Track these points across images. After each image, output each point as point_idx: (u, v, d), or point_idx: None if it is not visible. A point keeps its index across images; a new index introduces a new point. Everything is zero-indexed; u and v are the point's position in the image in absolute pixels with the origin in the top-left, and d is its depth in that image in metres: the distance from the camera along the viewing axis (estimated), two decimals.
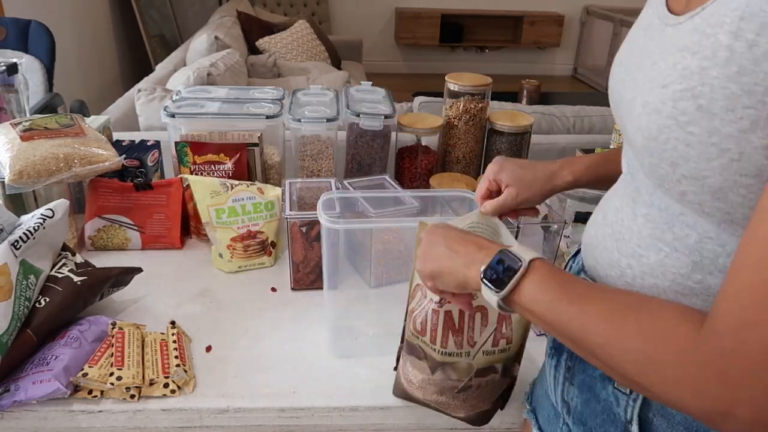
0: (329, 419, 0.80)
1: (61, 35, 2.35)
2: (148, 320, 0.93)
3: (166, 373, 0.80)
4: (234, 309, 0.99)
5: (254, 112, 1.25)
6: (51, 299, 0.85)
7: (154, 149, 1.28)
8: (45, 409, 0.77)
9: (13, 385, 0.76)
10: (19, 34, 2.16)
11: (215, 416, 0.79)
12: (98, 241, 1.16)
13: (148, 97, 1.88)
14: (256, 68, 3.10)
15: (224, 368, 0.85)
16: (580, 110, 2.03)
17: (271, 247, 1.11)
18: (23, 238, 0.84)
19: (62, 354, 0.79)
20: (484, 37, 5.86)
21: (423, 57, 5.90)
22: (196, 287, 1.05)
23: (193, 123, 1.23)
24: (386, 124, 1.26)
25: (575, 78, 6.02)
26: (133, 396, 0.78)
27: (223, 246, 1.08)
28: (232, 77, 2.31)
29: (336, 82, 2.94)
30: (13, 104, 1.30)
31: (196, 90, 1.37)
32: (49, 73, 2.18)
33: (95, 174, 1.12)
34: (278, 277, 1.09)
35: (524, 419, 0.78)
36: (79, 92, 3.17)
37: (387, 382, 0.84)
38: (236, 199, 1.07)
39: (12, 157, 1.04)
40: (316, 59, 3.75)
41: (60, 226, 0.93)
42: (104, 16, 3.84)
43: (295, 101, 1.34)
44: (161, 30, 4.23)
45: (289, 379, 0.84)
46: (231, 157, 1.18)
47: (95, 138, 1.15)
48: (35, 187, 1.05)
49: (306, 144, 1.26)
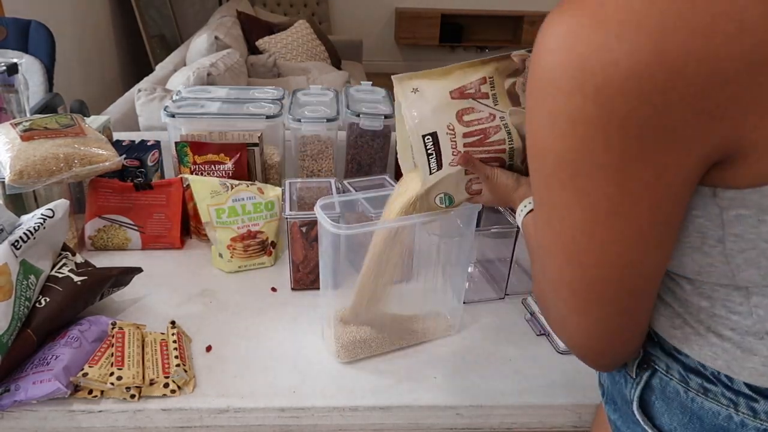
0: (329, 419, 0.80)
1: (61, 35, 2.35)
2: (148, 320, 0.93)
3: (166, 373, 0.80)
4: (234, 309, 0.99)
5: (254, 112, 1.25)
6: (51, 299, 0.85)
7: (154, 149, 1.28)
8: (45, 409, 0.77)
9: (13, 385, 0.76)
10: (19, 34, 2.16)
11: (215, 416, 0.79)
12: (98, 241, 1.16)
13: (148, 97, 1.88)
14: (256, 68, 3.10)
15: (224, 368, 0.85)
16: None
17: (271, 247, 1.11)
18: (23, 238, 0.84)
19: (62, 354, 0.79)
20: (484, 37, 5.85)
21: (423, 57, 5.90)
22: (196, 287, 1.05)
23: (193, 123, 1.23)
24: (386, 124, 1.26)
25: None
26: (133, 396, 0.78)
27: (223, 246, 1.08)
28: (232, 77, 2.31)
29: (336, 82, 2.94)
30: (13, 104, 1.30)
31: (196, 90, 1.37)
32: (49, 73, 2.18)
33: (95, 174, 1.12)
34: (278, 277, 1.09)
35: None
36: (79, 92, 3.17)
37: (387, 383, 0.84)
38: (236, 199, 1.07)
39: (12, 157, 1.04)
40: (316, 59, 3.75)
41: (60, 226, 0.93)
42: (104, 16, 3.84)
43: (295, 101, 1.34)
44: (161, 30, 4.23)
45: (289, 379, 0.84)
46: (231, 157, 1.18)
47: (95, 138, 1.15)
48: (35, 187, 1.05)
49: (306, 144, 1.26)
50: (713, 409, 0.51)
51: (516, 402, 0.81)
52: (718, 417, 0.50)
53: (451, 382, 0.84)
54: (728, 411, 0.50)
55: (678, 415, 0.53)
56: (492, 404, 0.81)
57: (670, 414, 0.54)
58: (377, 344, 0.88)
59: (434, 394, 0.82)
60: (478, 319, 0.99)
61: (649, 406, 0.56)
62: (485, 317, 0.99)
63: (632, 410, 0.58)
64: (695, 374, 0.52)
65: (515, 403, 0.81)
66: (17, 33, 2.16)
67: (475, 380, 0.85)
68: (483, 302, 1.03)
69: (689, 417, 0.53)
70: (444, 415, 0.81)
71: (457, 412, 0.81)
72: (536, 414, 0.82)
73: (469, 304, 1.01)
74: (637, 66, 0.38)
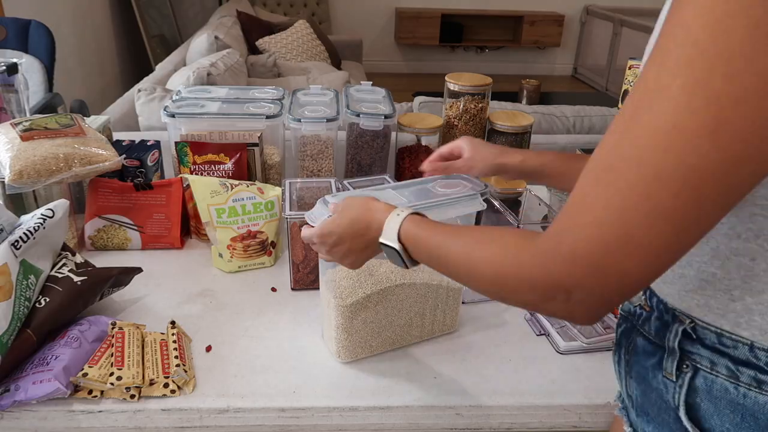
0: (329, 419, 0.80)
1: (61, 35, 2.35)
2: (148, 320, 0.93)
3: (166, 373, 0.80)
4: (234, 309, 0.99)
5: (254, 112, 1.25)
6: (51, 299, 0.85)
7: (154, 149, 1.28)
8: (45, 409, 0.77)
9: (13, 385, 0.76)
10: (19, 34, 2.16)
11: (215, 416, 0.79)
12: (98, 241, 1.16)
13: (148, 97, 1.88)
14: (256, 68, 3.10)
15: (224, 368, 0.85)
16: (580, 110, 2.03)
17: (271, 247, 1.11)
18: (23, 238, 0.84)
19: (62, 354, 0.79)
20: (484, 37, 5.86)
21: (423, 57, 5.90)
22: (196, 287, 1.05)
23: (193, 123, 1.23)
24: (386, 124, 1.26)
25: (575, 78, 6.02)
26: (133, 396, 0.78)
27: (223, 246, 1.08)
28: (232, 77, 2.31)
29: (336, 82, 2.94)
30: (13, 104, 1.30)
31: (196, 90, 1.37)
32: (49, 73, 2.18)
33: (95, 174, 1.12)
34: (278, 277, 1.09)
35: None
36: (79, 92, 3.17)
37: (387, 383, 0.84)
38: (236, 199, 1.07)
39: (12, 157, 1.04)
40: (316, 59, 3.75)
41: (60, 226, 0.93)
42: (104, 16, 3.84)
43: (295, 101, 1.34)
44: (161, 30, 4.23)
45: (289, 379, 0.84)
46: (231, 157, 1.18)
47: (95, 138, 1.15)
48: (35, 187, 1.05)
49: (306, 144, 1.26)
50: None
51: (516, 402, 0.81)
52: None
53: (451, 382, 0.84)
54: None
55: (728, 414, 0.50)
56: (492, 404, 0.81)
57: (720, 415, 0.51)
58: (378, 344, 0.88)
59: (434, 394, 0.82)
60: (478, 319, 0.99)
61: (695, 409, 0.53)
62: (485, 317, 0.99)
63: (675, 417, 0.54)
64: (746, 366, 0.49)
65: (515, 403, 0.81)
66: (17, 33, 2.16)
67: (475, 380, 0.85)
68: (483, 302, 1.03)
69: (741, 415, 0.50)
70: (444, 415, 0.81)
71: (457, 412, 0.81)
72: (536, 414, 0.82)
73: (469, 304, 1.01)
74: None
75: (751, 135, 0.39)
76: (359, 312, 0.84)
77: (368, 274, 0.85)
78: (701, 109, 0.39)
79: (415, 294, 0.88)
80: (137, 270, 1.00)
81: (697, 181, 0.40)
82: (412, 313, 0.89)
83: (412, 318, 0.90)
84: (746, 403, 0.49)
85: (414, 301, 0.89)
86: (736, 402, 0.50)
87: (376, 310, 0.85)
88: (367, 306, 0.84)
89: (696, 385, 0.53)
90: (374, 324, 0.86)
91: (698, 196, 0.40)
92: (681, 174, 0.40)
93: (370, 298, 0.84)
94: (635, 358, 0.61)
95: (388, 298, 0.86)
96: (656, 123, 0.41)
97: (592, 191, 0.44)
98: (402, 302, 0.88)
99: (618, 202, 0.42)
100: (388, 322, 0.88)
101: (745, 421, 0.50)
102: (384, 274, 0.86)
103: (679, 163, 0.40)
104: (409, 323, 0.90)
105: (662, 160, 0.40)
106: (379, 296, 0.85)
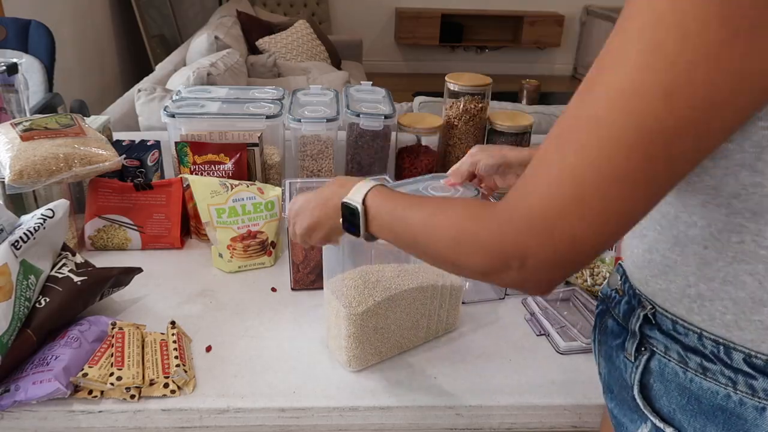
0: (329, 419, 0.80)
1: (61, 35, 2.35)
2: (148, 320, 0.93)
3: (166, 373, 0.80)
4: (234, 309, 0.99)
5: (254, 112, 1.25)
6: (51, 299, 0.85)
7: (154, 149, 1.28)
8: (45, 409, 0.77)
9: (13, 385, 0.76)
10: (19, 34, 2.16)
11: (215, 416, 0.79)
12: (98, 241, 1.16)
13: (148, 97, 1.88)
14: (256, 68, 3.10)
15: (224, 368, 0.85)
16: None
17: (271, 247, 1.11)
18: (23, 238, 0.84)
19: (62, 354, 0.79)
20: (484, 37, 5.86)
21: (423, 57, 5.90)
22: (196, 287, 1.05)
23: (193, 123, 1.23)
24: (386, 124, 1.26)
25: (575, 78, 6.01)
26: (133, 396, 0.78)
27: (223, 246, 1.08)
28: (232, 77, 2.31)
29: (336, 82, 2.94)
30: (13, 104, 1.30)
31: (196, 90, 1.37)
32: (49, 73, 2.18)
33: (95, 174, 1.12)
34: (278, 277, 1.09)
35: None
36: (79, 92, 3.16)
37: (387, 383, 0.84)
38: (236, 199, 1.07)
39: (12, 157, 1.04)
40: (316, 59, 3.75)
41: (60, 226, 0.93)
42: (104, 16, 3.84)
43: (295, 101, 1.34)
44: (161, 30, 4.23)
45: (289, 379, 0.84)
46: (231, 157, 1.18)
47: (95, 138, 1.15)
48: (35, 187, 1.05)
49: (306, 144, 1.26)
50: (712, 388, 0.51)
51: (516, 402, 0.81)
52: (716, 396, 0.50)
53: (451, 382, 0.84)
54: (726, 390, 0.50)
55: (676, 396, 0.54)
56: (492, 404, 0.81)
57: (669, 396, 0.54)
58: (387, 349, 0.88)
59: (434, 394, 0.82)
60: (478, 319, 0.99)
61: (647, 389, 0.56)
62: (485, 317, 0.99)
63: (632, 395, 0.57)
64: (694, 353, 0.52)
65: (515, 403, 0.81)
66: (17, 33, 2.16)
67: (475, 380, 0.85)
68: (483, 302, 1.03)
69: (687, 398, 0.53)
70: (444, 415, 0.81)
71: (457, 412, 0.81)
72: (536, 414, 0.82)
73: (469, 304, 1.01)
74: None
75: (702, 101, 0.39)
76: (370, 319, 0.83)
77: (375, 281, 0.85)
78: (659, 72, 0.39)
79: (422, 296, 0.88)
80: (137, 270, 1.00)
81: (649, 144, 0.41)
82: (418, 315, 0.89)
83: (418, 320, 0.89)
84: (692, 387, 0.52)
85: (421, 303, 0.88)
86: (683, 385, 0.53)
87: (386, 315, 0.85)
88: (377, 313, 0.84)
89: (650, 367, 0.56)
90: (384, 330, 0.86)
91: (649, 160, 0.41)
92: (636, 136, 0.41)
93: (380, 304, 0.83)
94: (604, 338, 0.64)
95: (397, 302, 0.85)
96: (615, 85, 0.41)
97: (550, 154, 0.46)
98: (410, 305, 0.87)
99: (572, 161, 0.43)
100: (396, 326, 0.87)
101: (689, 404, 0.53)
102: (391, 279, 0.85)
103: (635, 125, 0.41)
104: (416, 325, 0.90)
105: (618, 121, 0.41)
106: (389, 302, 0.84)
